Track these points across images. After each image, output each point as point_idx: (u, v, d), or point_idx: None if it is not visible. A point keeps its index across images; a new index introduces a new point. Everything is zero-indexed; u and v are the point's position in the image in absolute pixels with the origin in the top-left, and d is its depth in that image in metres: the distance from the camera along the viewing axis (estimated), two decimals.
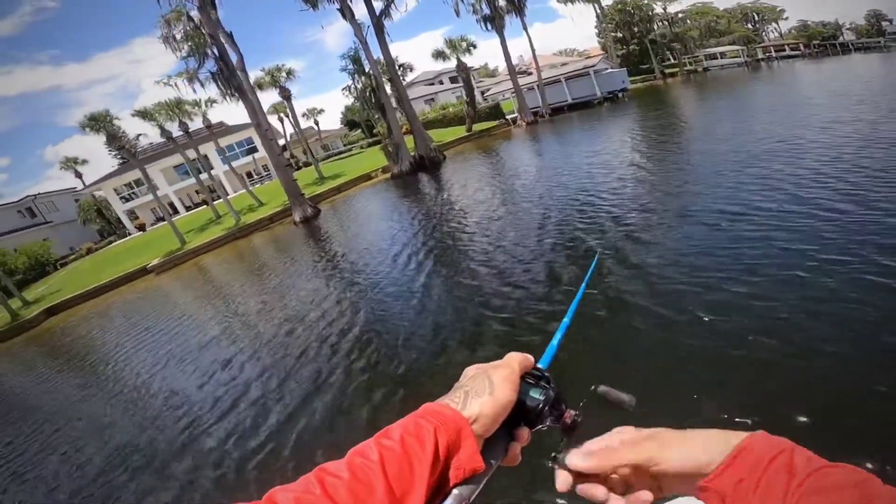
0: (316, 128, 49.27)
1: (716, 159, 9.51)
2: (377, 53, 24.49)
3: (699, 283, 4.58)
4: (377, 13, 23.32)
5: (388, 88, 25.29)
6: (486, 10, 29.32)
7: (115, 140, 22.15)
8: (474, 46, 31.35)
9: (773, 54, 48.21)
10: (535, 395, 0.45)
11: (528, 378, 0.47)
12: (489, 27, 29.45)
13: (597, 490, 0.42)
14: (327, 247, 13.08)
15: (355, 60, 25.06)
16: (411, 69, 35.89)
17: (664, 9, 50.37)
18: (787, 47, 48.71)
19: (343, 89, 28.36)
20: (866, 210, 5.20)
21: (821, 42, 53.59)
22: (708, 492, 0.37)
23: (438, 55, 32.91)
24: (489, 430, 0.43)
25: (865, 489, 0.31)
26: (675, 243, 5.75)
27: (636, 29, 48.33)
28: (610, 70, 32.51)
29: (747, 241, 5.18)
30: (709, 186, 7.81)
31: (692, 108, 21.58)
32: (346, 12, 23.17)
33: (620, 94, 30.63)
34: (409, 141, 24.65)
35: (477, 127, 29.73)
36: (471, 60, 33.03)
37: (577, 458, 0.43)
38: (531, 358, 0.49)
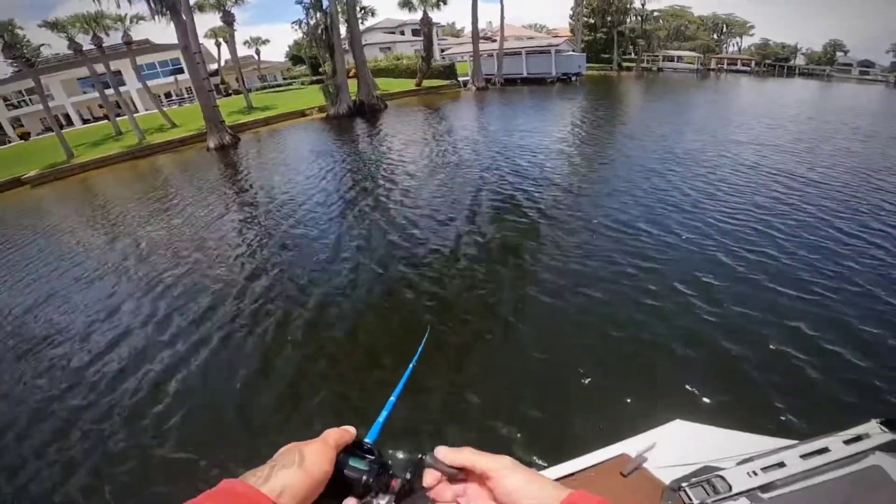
0: (256, 57, 45.34)
1: (637, 160, 9.87)
2: None
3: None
4: None
5: (343, 30, 23.38)
6: None
7: (12, 49, 18.89)
8: (444, 2, 29.55)
9: (725, 66, 50.41)
10: (357, 465, 0.46)
11: (350, 451, 0.48)
12: None
13: (447, 491, 0.46)
14: (236, 176, 12.16)
15: None
16: (373, 14, 33.17)
17: (642, 4, 50.47)
18: (739, 62, 51.20)
19: (293, 23, 25.85)
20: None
21: (771, 62, 56.84)
22: None
23: (405, 4, 30.70)
24: (302, 503, 0.41)
25: None
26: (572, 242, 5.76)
27: (609, 18, 48.09)
28: (570, 53, 32.21)
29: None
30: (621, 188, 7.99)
31: (636, 104, 22.01)
32: None
33: (574, 78, 30.58)
34: (352, 85, 23.16)
35: (427, 83, 28.47)
36: (439, 16, 31.27)
37: (443, 452, 0.47)
38: (352, 430, 0.50)
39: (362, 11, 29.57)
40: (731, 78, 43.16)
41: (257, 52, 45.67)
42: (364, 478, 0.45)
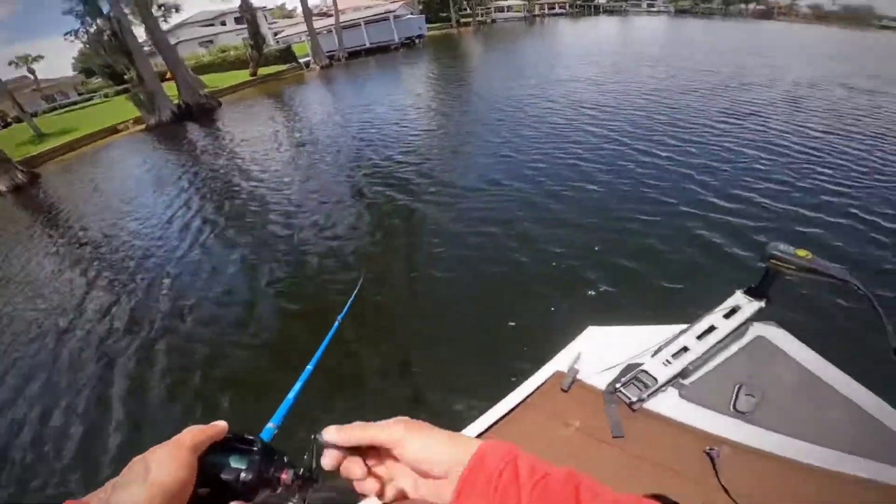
0: (32, 77, 36.97)
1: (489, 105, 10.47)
2: None
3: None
4: None
5: (143, 32, 20.00)
6: None
7: None
8: None
9: (546, 11, 55.27)
10: (235, 464, 0.39)
11: (224, 448, 0.40)
12: None
13: (355, 467, 0.41)
14: (47, 227, 8.85)
15: (88, 1, 19.18)
16: (176, 10, 28.48)
17: None
18: (556, 6, 56.69)
19: (66, 35, 21.06)
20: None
21: (581, 2, 63.82)
22: None
23: None
24: None
25: (575, 486, 0.35)
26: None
27: None
28: (409, 16, 31.95)
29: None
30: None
31: (476, 57, 23.00)
32: None
33: (417, 41, 30.61)
34: (171, 88, 19.91)
35: (264, 71, 25.88)
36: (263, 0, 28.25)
37: (332, 432, 0.41)
38: (219, 425, 0.41)
39: (161, 8, 25.31)
40: (552, 21, 47.54)
41: (31, 72, 37.10)
42: (243, 476, 0.38)
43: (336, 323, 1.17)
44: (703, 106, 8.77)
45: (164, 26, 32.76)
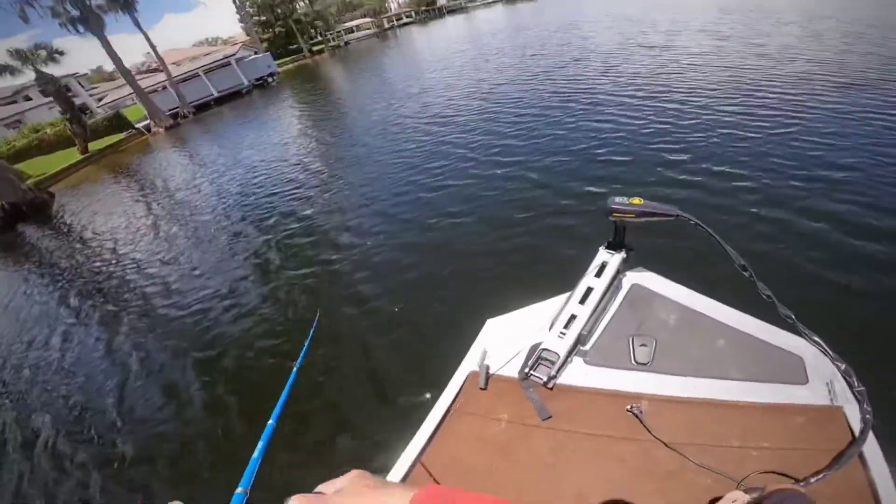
0: None
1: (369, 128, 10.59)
2: None
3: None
4: None
5: None
6: (75, 11, 22.04)
7: None
8: (60, 53, 23.19)
9: (395, 23, 56.43)
10: None
11: None
12: (81, 29, 22.78)
13: None
14: None
15: None
16: None
17: None
18: (403, 16, 58.20)
19: None
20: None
21: (426, 8, 66.36)
22: None
23: (2, 70, 22.81)
24: None
25: None
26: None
27: (279, 10, 46.59)
28: (253, 56, 30.10)
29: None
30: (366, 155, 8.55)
31: (339, 83, 22.48)
32: None
33: (271, 80, 29.01)
34: None
35: (96, 145, 22.42)
36: (71, 66, 24.58)
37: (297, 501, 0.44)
38: None
39: None
40: (404, 31, 48.65)
41: None
42: None
43: (294, 370, 1.23)
44: (538, 89, 9.68)
45: None
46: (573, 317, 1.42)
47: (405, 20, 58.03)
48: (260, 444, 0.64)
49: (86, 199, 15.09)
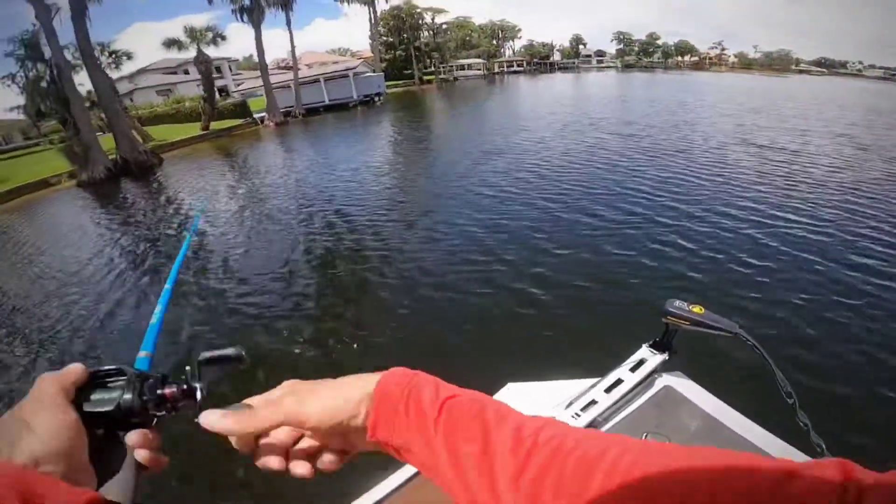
0: None
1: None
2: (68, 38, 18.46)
3: None
4: None
5: (87, 78, 19.37)
6: (247, 1, 25.64)
7: None
8: (222, 37, 26.98)
9: (505, 69, 58.53)
10: (107, 396, 0.39)
11: (92, 387, 0.39)
12: (246, 19, 26.02)
13: (270, 461, 0.38)
14: None
15: (30, 45, 18.64)
16: (128, 56, 27.92)
17: (432, 18, 54.59)
18: (515, 64, 60.34)
19: (4, 78, 20.18)
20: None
21: (538, 60, 68.34)
22: (381, 445, 0.38)
23: (171, 44, 27.01)
24: (69, 463, 0.34)
25: (480, 404, 0.35)
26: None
27: (405, 35, 50.77)
28: (369, 74, 32.66)
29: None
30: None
31: (438, 118, 23.39)
32: None
33: (377, 99, 31.08)
34: (109, 141, 18.81)
35: (218, 125, 25.20)
36: (231, 49, 28.60)
37: (213, 416, 0.38)
38: (75, 367, 0.39)
39: (112, 55, 24.63)
40: (511, 79, 50.22)
41: None
42: (124, 403, 0.38)
43: (187, 238, 1.35)
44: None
45: (117, 73, 32.14)
46: (593, 402, 1.44)
47: (515, 68, 60.01)
48: (158, 308, 0.59)
49: (186, 171, 16.81)
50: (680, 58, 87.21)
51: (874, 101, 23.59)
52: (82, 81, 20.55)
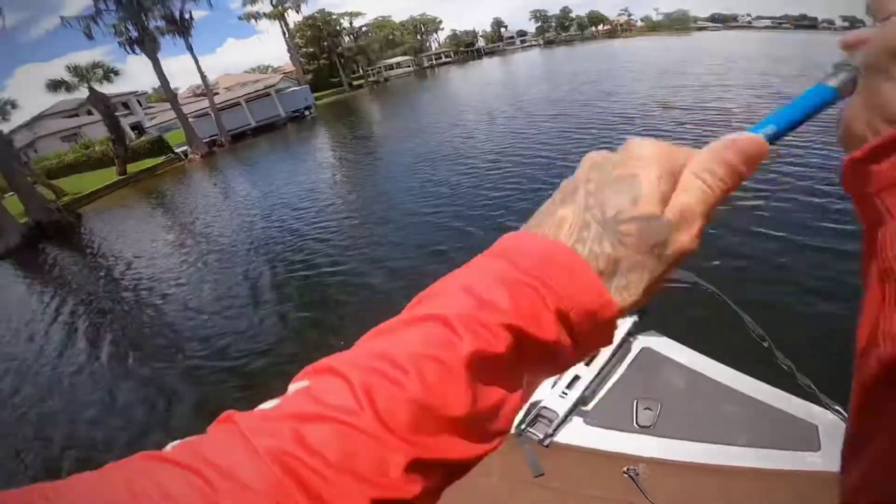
0: None
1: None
2: None
3: None
4: None
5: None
6: (133, 32, 23.76)
7: None
8: (115, 73, 24.93)
9: (434, 62, 58.38)
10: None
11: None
12: (137, 50, 24.27)
13: None
14: None
15: None
16: (13, 105, 25.21)
17: (350, 23, 53.09)
18: (442, 56, 60.32)
19: None
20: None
21: (464, 49, 68.69)
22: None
23: (58, 86, 24.62)
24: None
25: None
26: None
27: (325, 44, 49.10)
28: (293, 88, 31.32)
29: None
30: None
31: (373, 123, 22.91)
32: None
33: (307, 113, 29.93)
34: (14, 204, 16.89)
35: (135, 167, 23.29)
36: (136, 83, 26.57)
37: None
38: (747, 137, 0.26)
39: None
40: (441, 71, 50.20)
41: None
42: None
43: None
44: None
45: (7, 125, 28.87)
46: (576, 377, 1.41)
47: (444, 59, 60.01)
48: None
49: (113, 224, 15.37)
50: (594, 28, 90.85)
51: (770, 49, 25.65)
52: None
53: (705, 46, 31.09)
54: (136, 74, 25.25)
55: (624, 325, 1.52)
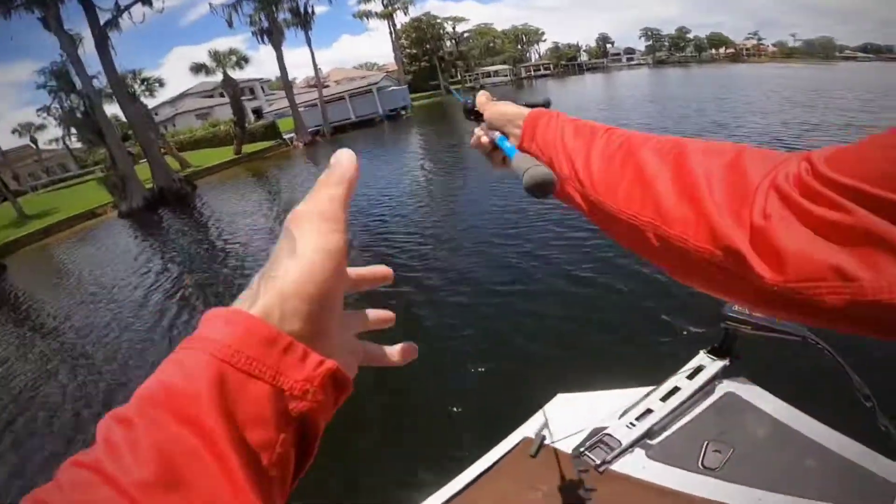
0: (34, 146, 37.37)
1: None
2: (97, 67, 19.05)
3: None
4: (101, 23, 17.92)
5: (118, 109, 20.41)
6: (265, 23, 26.26)
7: None
8: (246, 60, 27.92)
9: (532, 73, 57.61)
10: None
11: None
12: (265, 41, 26.77)
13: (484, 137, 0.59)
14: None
15: (60, 76, 19.35)
16: (161, 84, 29.28)
17: (453, 28, 54.78)
18: (541, 67, 59.35)
19: (39, 110, 21.42)
20: None
21: (565, 63, 66.97)
22: (526, 131, 0.52)
23: (199, 69, 28.06)
24: (322, 304, 0.24)
25: (607, 129, 0.47)
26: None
27: (427, 46, 51.07)
28: (392, 88, 32.75)
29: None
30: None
31: (465, 128, 22.89)
32: (52, 22, 16.99)
33: (403, 113, 31.03)
34: (143, 171, 19.58)
35: (251, 148, 25.87)
36: (264, 71, 29.78)
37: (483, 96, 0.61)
38: (347, 168, 0.30)
39: (144, 84, 25.85)
40: (539, 83, 49.25)
41: (33, 141, 37.80)
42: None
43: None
44: None
45: (154, 101, 33.70)
46: (649, 411, 1.40)
47: (542, 72, 58.98)
48: None
49: (220, 197, 17.18)
50: (714, 51, 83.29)
51: None
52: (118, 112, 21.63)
53: (848, 79, 26.67)
54: (265, 62, 27.79)
55: (712, 367, 1.48)
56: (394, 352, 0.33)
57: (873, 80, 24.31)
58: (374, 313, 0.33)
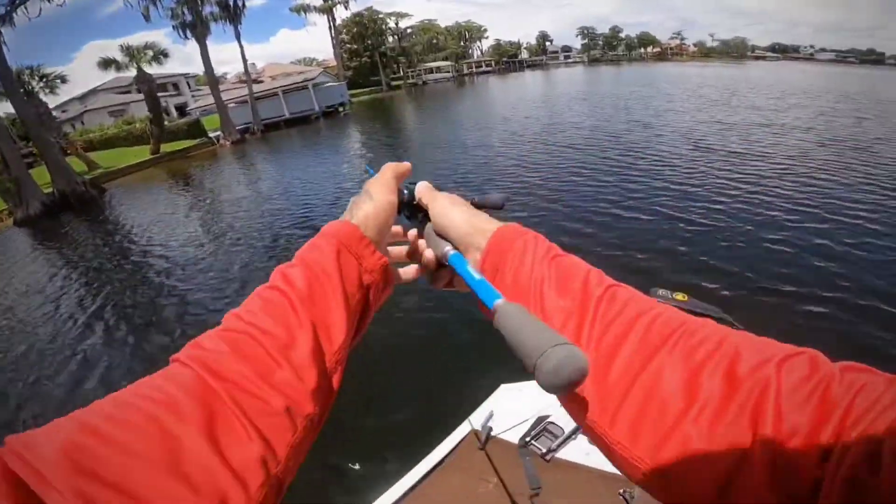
0: None
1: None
2: None
3: None
4: None
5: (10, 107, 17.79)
6: (189, 17, 24.18)
7: None
8: (165, 55, 25.41)
9: (474, 70, 58.07)
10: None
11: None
12: (188, 35, 24.79)
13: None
14: None
15: None
16: (63, 80, 25.95)
17: (396, 23, 53.60)
18: (483, 64, 59.97)
19: None
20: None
21: (507, 60, 68.23)
22: (483, 263, 0.43)
23: (108, 64, 25.25)
24: (380, 229, 0.44)
25: (587, 269, 0.39)
26: None
27: (369, 41, 49.65)
28: (330, 84, 31.47)
29: None
30: None
31: (408, 127, 22.49)
32: None
33: (340, 109, 29.93)
34: (42, 174, 17.28)
35: (171, 147, 23.71)
36: (188, 66, 27.10)
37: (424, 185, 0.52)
38: (408, 164, 0.51)
39: (43, 80, 22.83)
40: (481, 80, 49.68)
41: None
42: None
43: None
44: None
45: (56, 99, 29.97)
46: None
47: (484, 69, 59.62)
48: None
49: (136, 199, 15.49)
50: (643, 49, 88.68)
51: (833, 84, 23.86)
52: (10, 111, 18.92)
53: (758, 77, 29.34)
54: (195, 57, 25.66)
55: None
56: (408, 271, 0.49)
57: (784, 80, 26.80)
58: (395, 249, 0.50)
